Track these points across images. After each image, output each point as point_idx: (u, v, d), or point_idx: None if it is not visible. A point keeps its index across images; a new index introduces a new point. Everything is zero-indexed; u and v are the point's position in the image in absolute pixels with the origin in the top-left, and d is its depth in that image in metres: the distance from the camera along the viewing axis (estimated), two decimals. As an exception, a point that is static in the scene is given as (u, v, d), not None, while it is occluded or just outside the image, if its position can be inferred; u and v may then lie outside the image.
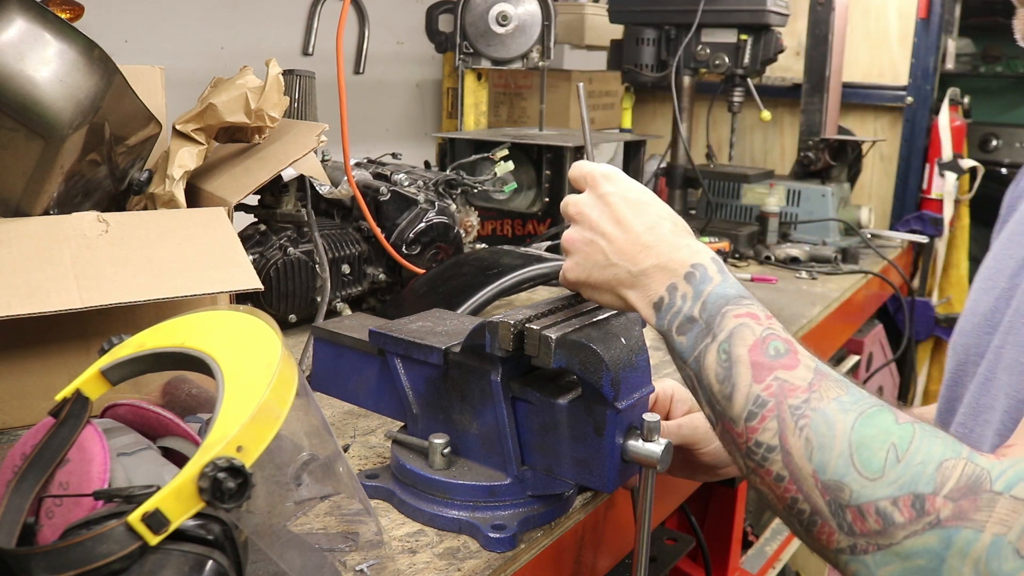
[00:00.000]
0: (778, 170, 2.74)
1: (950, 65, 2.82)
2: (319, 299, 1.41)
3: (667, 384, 1.04)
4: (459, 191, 1.71)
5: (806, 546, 0.71)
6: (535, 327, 0.81)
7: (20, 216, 1.04)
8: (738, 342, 0.72)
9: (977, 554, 0.60)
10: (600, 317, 0.85)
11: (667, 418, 1.03)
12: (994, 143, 3.84)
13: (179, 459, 0.69)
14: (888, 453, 0.63)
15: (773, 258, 2.20)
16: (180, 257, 1.04)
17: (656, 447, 0.81)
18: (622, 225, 0.82)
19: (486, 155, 1.85)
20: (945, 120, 2.61)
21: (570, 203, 0.87)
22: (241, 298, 1.23)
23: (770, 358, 0.70)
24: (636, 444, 0.82)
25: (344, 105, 1.44)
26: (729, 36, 2.16)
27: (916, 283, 2.70)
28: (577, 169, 0.88)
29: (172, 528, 0.56)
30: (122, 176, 1.19)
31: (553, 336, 0.79)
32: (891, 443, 0.64)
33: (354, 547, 0.81)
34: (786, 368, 0.69)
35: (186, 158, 1.20)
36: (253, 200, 1.42)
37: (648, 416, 0.81)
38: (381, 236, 1.50)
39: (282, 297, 1.42)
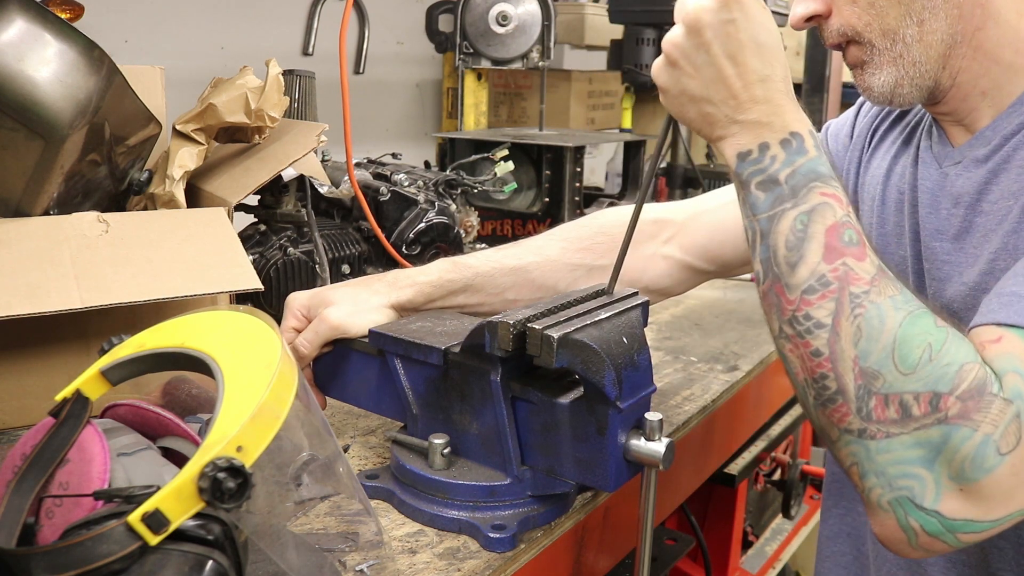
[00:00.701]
0: (778, 170, 2.73)
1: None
2: (319, 299, 1.41)
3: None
4: (459, 191, 1.71)
5: (809, 418, 0.77)
6: (537, 327, 0.81)
7: (20, 216, 1.04)
8: (817, 219, 0.74)
9: (967, 450, 0.67)
10: (601, 317, 0.85)
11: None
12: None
13: (179, 459, 0.69)
14: (923, 352, 0.69)
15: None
16: (180, 257, 1.04)
17: (659, 446, 0.81)
18: (739, 66, 0.76)
19: (486, 155, 1.85)
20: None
21: (688, 3, 0.78)
22: (241, 298, 1.23)
23: (843, 244, 0.73)
24: (638, 443, 0.82)
25: (347, 105, 1.44)
26: (729, 36, 2.15)
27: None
28: None
29: (172, 528, 0.56)
30: (122, 176, 1.19)
31: (555, 336, 0.79)
32: (928, 343, 0.70)
33: (354, 547, 0.81)
34: (855, 258, 0.73)
35: (186, 158, 1.20)
36: (253, 200, 1.42)
37: (650, 415, 0.81)
38: (382, 236, 1.50)
39: (282, 297, 1.41)
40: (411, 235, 1.55)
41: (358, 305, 1.00)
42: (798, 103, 0.79)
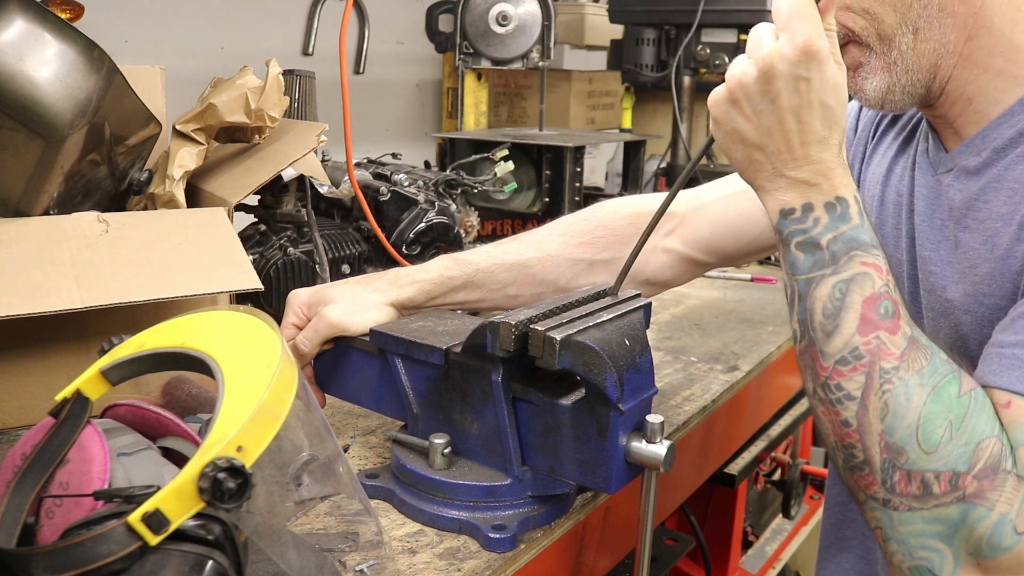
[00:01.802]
0: (778, 170, 2.72)
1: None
2: (319, 299, 1.41)
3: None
4: (459, 191, 1.71)
5: (837, 475, 0.79)
6: (539, 328, 0.81)
7: (20, 216, 1.04)
8: (856, 289, 0.74)
9: (984, 530, 0.69)
10: (604, 318, 0.84)
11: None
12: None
13: (179, 459, 0.69)
14: (945, 431, 0.71)
15: (773, 258, 2.20)
16: (180, 257, 1.04)
17: (660, 448, 0.81)
18: (801, 123, 0.75)
19: (486, 155, 1.85)
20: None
21: (765, 44, 0.75)
22: (241, 298, 1.23)
23: (879, 317, 0.74)
24: (639, 445, 0.82)
25: (347, 105, 1.44)
26: (729, 36, 2.16)
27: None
28: (798, 9, 0.74)
29: (172, 528, 0.56)
30: (122, 176, 1.19)
31: (558, 337, 0.79)
32: (949, 420, 0.71)
33: (354, 547, 0.81)
34: (888, 331, 0.74)
35: (186, 158, 1.20)
36: (253, 200, 1.42)
37: (651, 417, 0.81)
38: (382, 236, 1.50)
39: (282, 297, 1.41)
40: (411, 235, 1.55)
41: (358, 303, 1.00)
42: (847, 167, 0.78)
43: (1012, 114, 0.84)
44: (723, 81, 0.79)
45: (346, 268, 1.50)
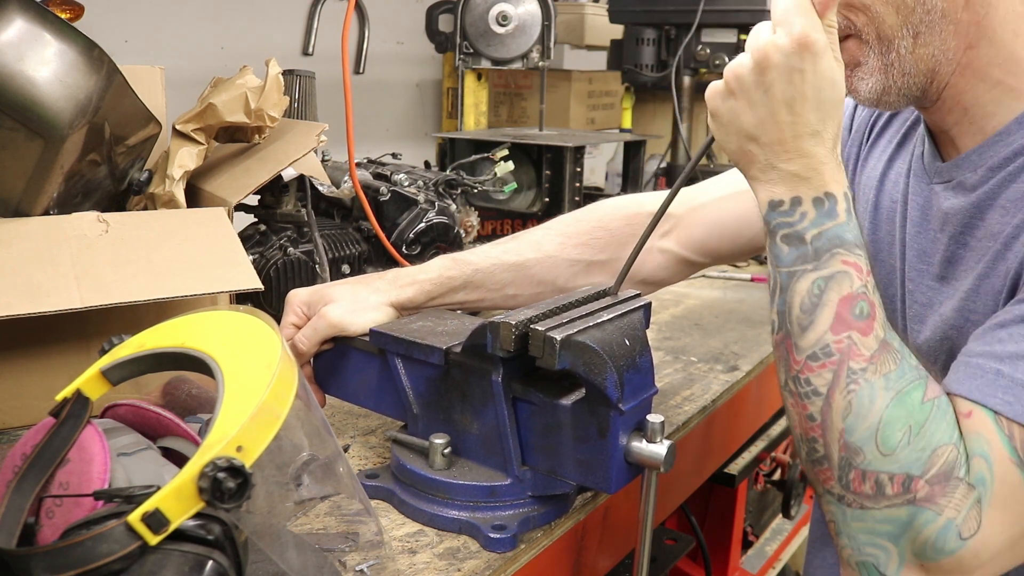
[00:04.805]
0: (778, 170, 2.72)
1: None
2: (319, 299, 1.41)
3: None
4: (459, 191, 1.70)
5: (802, 464, 0.81)
6: (539, 328, 0.81)
7: (20, 216, 1.04)
8: (834, 287, 0.75)
9: (930, 533, 0.71)
10: (604, 319, 0.84)
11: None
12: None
13: (179, 459, 0.69)
14: (904, 435, 0.72)
15: (773, 258, 2.19)
16: (180, 257, 1.04)
17: (660, 448, 0.81)
18: (795, 115, 0.75)
19: (486, 155, 1.85)
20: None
21: (763, 39, 0.75)
22: (241, 298, 1.23)
23: (854, 317, 0.75)
24: (640, 445, 0.82)
25: (349, 105, 1.44)
26: (729, 36, 2.16)
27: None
28: (794, 5, 0.75)
29: (172, 528, 0.56)
30: (122, 176, 1.19)
31: (558, 338, 0.79)
32: (909, 425, 0.72)
33: (354, 547, 0.81)
34: (861, 332, 0.74)
35: (186, 158, 1.20)
36: (253, 200, 1.42)
37: (652, 417, 0.81)
38: (383, 236, 1.50)
39: (282, 297, 1.41)
40: (411, 235, 1.55)
41: (357, 303, 1.00)
42: (842, 163, 0.79)
43: (1008, 132, 0.83)
44: (721, 78, 0.80)
45: (346, 268, 1.50)
